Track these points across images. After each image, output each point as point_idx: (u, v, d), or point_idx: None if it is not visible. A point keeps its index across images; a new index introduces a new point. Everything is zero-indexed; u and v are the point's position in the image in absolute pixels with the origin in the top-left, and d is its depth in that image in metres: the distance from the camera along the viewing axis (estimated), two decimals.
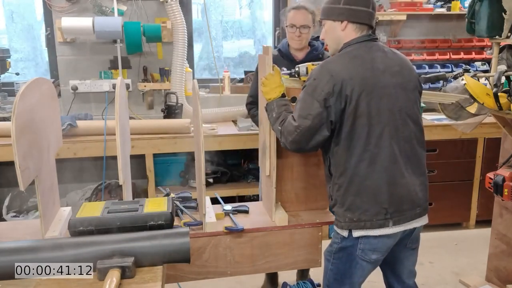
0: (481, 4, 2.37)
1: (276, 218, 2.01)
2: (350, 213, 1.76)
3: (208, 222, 1.92)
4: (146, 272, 1.42)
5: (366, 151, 1.72)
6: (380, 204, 1.74)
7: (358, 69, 1.72)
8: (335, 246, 1.84)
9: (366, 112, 1.70)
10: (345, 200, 1.77)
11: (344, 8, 1.79)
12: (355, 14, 1.79)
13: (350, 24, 1.80)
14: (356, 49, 1.78)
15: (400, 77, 1.78)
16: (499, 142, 2.77)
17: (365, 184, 1.73)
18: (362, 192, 1.74)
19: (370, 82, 1.71)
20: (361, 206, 1.74)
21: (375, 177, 1.73)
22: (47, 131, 1.76)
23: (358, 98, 1.69)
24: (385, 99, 1.73)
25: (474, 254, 3.32)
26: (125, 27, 3.24)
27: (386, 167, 1.73)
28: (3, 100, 3.48)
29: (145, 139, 3.21)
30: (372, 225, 1.74)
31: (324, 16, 1.86)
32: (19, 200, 3.47)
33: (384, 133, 1.72)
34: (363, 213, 1.74)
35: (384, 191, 1.73)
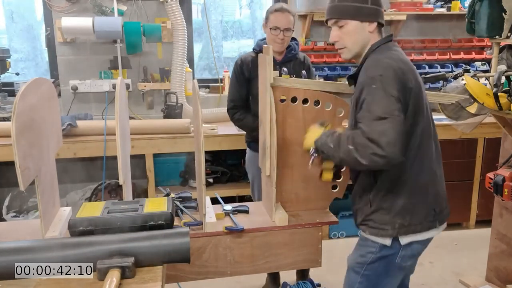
0: (481, 4, 2.37)
1: (276, 218, 2.01)
2: (400, 218, 1.65)
3: (208, 222, 1.92)
4: (146, 272, 1.42)
5: (419, 150, 1.65)
6: (429, 204, 1.69)
7: (408, 64, 1.64)
8: (371, 257, 1.71)
9: (419, 108, 1.63)
10: (394, 204, 1.66)
11: (373, 8, 1.69)
12: (381, 15, 1.72)
13: (378, 26, 1.72)
14: (390, 48, 1.70)
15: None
16: (499, 142, 2.77)
17: (416, 185, 1.66)
18: (413, 194, 1.66)
19: (417, 77, 1.66)
20: (412, 209, 1.66)
21: (423, 178, 1.68)
22: (47, 131, 1.75)
23: (417, 93, 1.61)
24: (424, 95, 1.70)
25: (474, 254, 3.32)
26: (125, 27, 3.24)
27: (430, 167, 1.70)
28: (3, 100, 3.48)
29: (145, 139, 3.21)
30: (422, 228, 1.67)
31: (348, 16, 1.68)
32: (19, 200, 3.47)
33: (430, 130, 1.70)
34: (414, 216, 1.66)
35: (431, 191, 1.70)
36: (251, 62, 2.63)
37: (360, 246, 1.79)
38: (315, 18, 3.67)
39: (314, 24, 3.77)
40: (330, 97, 2.03)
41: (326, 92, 2.02)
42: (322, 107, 2.04)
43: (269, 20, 2.60)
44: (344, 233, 3.61)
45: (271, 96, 1.93)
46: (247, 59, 2.67)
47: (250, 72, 2.63)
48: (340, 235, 3.59)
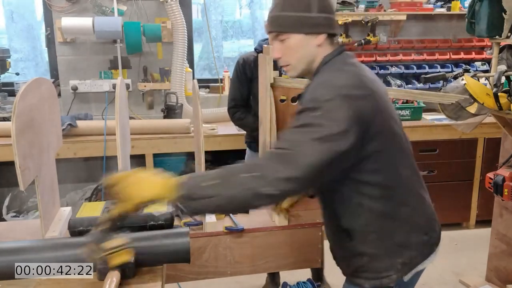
0: (481, 4, 2.37)
1: (276, 218, 2.01)
2: (400, 257, 1.41)
3: (208, 222, 1.92)
4: (146, 272, 1.42)
5: (400, 178, 1.41)
6: (422, 230, 1.45)
7: (367, 83, 1.35)
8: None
9: (390, 133, 1.38)
10: (389, 245, 1.42)
11: (320, 17, 1.39)
12: (331, 24, 1.43)
13: (327, 37, 1.42)
14: (345, 62, 1.43)
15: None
16: (499, 142, 2.77)
17: (405, 216, 1.42)
18: (404, 226, 1.43)
19: (380, 93, 1.39)
20: (408, 242, 1.42)
21: (411, 205, 1.44)
22: (47, 131, 1.75)
23: (379, 115, 1.34)
24: (391, 109, 1.43)
25: (474, 254, 3.32)
26: (125, 27, 3.24)
27: (416, 192, 1.46)
28: (3, 100, 3.48)
29: (145, 139, 3.21)
30: (423, 258, 1.45)
31: (290, 29, 1.40)
32: (19, 200, 3.47)
33: (407, 153, 1.45)
34: (412, 249, 1.43)
35: (422, 217, 1.46)
36: (253, 62, 2.63)
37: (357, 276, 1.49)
38: None
39: None
40: None
41: None
42: None
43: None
44: None
45: (271, 96, 1.93)
46: (249, 59, 2.66)
47: (252, 72, 2.62)
48: None
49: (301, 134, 1.24)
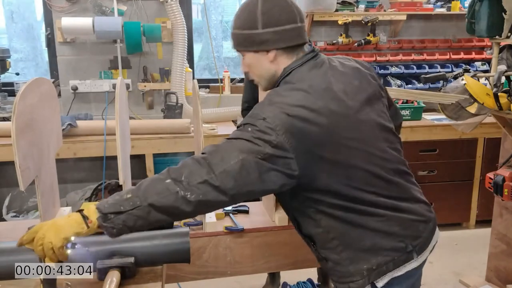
0: (481, 4, 2.37)
1: (276, 218, 2.01)
2: (365, 263, 1.37)
3: (208, 222, 1.92)
4: (146, 272, 1.42)
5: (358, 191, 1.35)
6: (395, 238, 1.39)
7: (320, 103, 1.29)
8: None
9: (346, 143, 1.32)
10: (351, 253, 1.39)
11: (266, 32, 1.34)
12: (283, 37, 1.35)
13: (279, 51, 1.37)
14: (304, 74, 1.36)
15: (363, 92, 1.41)
16: (499, 142, 2.77)
17: (369, 226, 1.37)
18: (368, 236, 1.38)
19: (340, 115, 1.31)
20: (374, 249, 1.38)
21: (377, 215, 1.37)
22: (47, 131, 1.75)
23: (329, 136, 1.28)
24: (360, 125, 1.36)
25: (474, 254, 3.32)
26: (125, 27, 3.24)
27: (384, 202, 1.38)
28: (3, 100, 3.48)
29: (145, 139, 3.21)
30: (395, 265, 1.38)
31: (241, 47, 1.41)
32: (19, 200, 3.47)
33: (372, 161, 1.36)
34: (379, 256, 1.37)
35: (393, 224, 1.39)
36: None
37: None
38: (315, 18, 3.67)
39: (314, 24, 3.77)
40: None
41: None
42: None
43: None
44: None
45: None
46: None
47: None
48: None
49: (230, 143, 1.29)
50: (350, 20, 3.65)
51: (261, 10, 1.34)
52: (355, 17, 3.68)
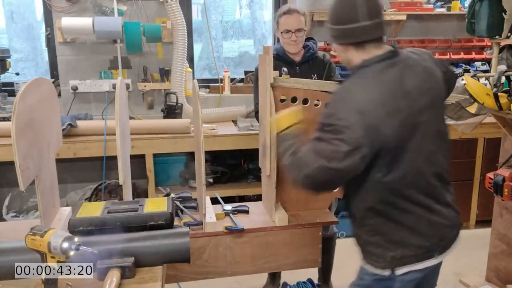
0: (481, 4, 2.37)
1: (276, 218, 2.01)
2: (391, 251, 1.55)
3: (208, 222, 1.92)
4: (146, 272, 1.43)
5: (404, 187, 1.51)
6: (422, 237, 1.56)
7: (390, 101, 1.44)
8: (368, 279, 1.64)
9: (402, 145, 1.47)
10: (382, 239, 1.57)
11: (336, 29, 1.52)
12: (348, 35, 1.50)
13: (350, 47, 1.52)
14: (381, 71, 1.48)
15: (429, 96, 1.54)
16: (499, 142, 2.77)
17: (405, 220, 1.55)
18: (402, 229, 1.55)
19: (407, 114, 1.46)
20: (403, 242, 1.55)
21: (413, 212, 1.54)
22: (47, 131, 1.76)
23: (396, 134, 1.44)
24: (420, 127, 1.50)
25: (474, 254, 3.31)
26: (125, 27, 3.24)
27: (420, 201, 1.54)
28: (3, 100, 3.48)
29: (145, 139, 3.21)
30: (417, 259, 1.56)
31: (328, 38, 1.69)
32: (19, 200, 3.47)
33: (420, 161, 1.52)
34: (406, 249, 1.55)
35: (424, 224, 1.55)
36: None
37: (360, 269, 1.71)
38: (315, 18, 3.67)
39: (314, 24, 3.77)
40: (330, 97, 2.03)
41: (326, 92, 2.02)
42: (322, 107, 2.04)
43: (279, 24, 2.59)
44: (344, 233, 3.60)
45: (271, 96, 1.93)
46: None
47: None
48: (340, 235, 3.59)
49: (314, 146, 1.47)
50: None
51: (335, 7, 1.53)
52: None
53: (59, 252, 1.24)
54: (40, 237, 1.26)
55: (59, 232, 1.27)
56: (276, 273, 2.89)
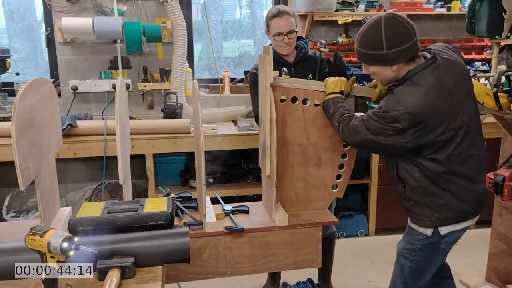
0: (481, 4, 2.37)
1: (276, 218, 2.01)
2: (437, 212, 1.87)
3: (208, 222, 1.92)
4: (146, 272, 1.43)
5: (448, 160, 1.80)
6: (464, 204, 1.88)
7: (437, 102, 1.73)
8: (418, 244, 1.94)
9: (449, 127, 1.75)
10: (431, 202, 1.87)
11: (390, 53, 1.73)
12: (404, 53, 1.74)
13: (401, 64, 1.76)
14: (426, 76, 1.75)
15: (465, 88, 1.85)
16: (499, 142, 2.77)
17: (451, 188, 1.85)
18: (448, 195, 1.86)
19: (450, 108, 1.75)
20: (448, 206, 1.87)
21: (457, 182, 1.85)
22: (47, 131, 1.76)
23: (442, 125, 1.74)
24: (462, 114, 1.78)
25: (474, 254, 3.31)
26: (125, 27, 3.24)
27: (463, 173, 1.85)
28: (3, 100, 3.48)
29: (145, 139, 3.21)
30: (457, 221, 1.89)
31: (368, 62, 1.83)
32: (19, 200, 3.47)
33: (464, 139, 1.80)
34: (449, 212, 1.87)
35: (466, 193, 1.87)
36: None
37: (407, 234, 2.00)
38: (315, 18, 3.67)
39: (314, 24, 3.77)
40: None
41: None
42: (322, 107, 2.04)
43: (270, 27, 2.55)
44: (344, 233, 3.61)
45: (271, 96, 1.93)
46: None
47: None
48: (340, 235, 3.59)
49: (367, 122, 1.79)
50: (350, 20, 3.65)
51: (385, 35, 1.72)
52: (355, 17, 3.69)
53: (59, 252, 1.24)
54: (40, 237, 1.26)
55: (59, 232, 1.27)
56: (276, 273, 2.89)
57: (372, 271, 3.14)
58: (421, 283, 2.02)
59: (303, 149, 2.08)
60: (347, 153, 2.11)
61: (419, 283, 2.01)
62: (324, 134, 2.07)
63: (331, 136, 2.07)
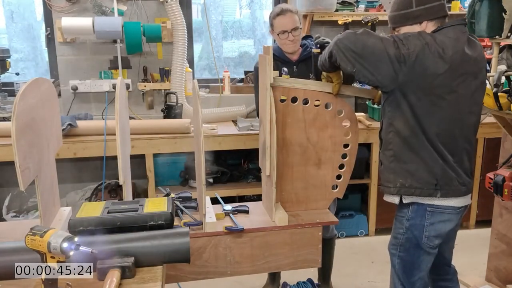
0: (481, 4, 2.37)
1: (276, 218, 2.01)
2: (402, 178, 1.90)
3: (208, 222, 1.92)
4: (146, 272, 1.43)
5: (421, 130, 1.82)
6: (431, 175, 1.87)
7: (449, 50, 1.75)
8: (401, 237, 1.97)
9: (443, 90, 1.77)
10: (397, 166, 1.90)
11: (419, 10, 1.84)
12: (432, 11, 1.84)
13: (429, 22, 1.85)
14: (448, 31, 1.82)
15: (478, 68, 1.86)
16: (499, 142, 2.77)
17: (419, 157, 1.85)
18: (417, 163, 1.86)
19: (456, 65, 1.76)
20: (414, 174, 1.88)
21: (426, 154, 1.84)
22: (47, 131, 1.76)
23: (442, 74, 1.74)
24: (460, 83, 1.79)
25: (474, 254, 3.32)
26: (125, 27, 3.24)
27: (435, 146, 1.84)
28: (3, 100, 3.49)
29: (145, 139, 3.21)
30: (421, 193, 1.87)
31: (398, 24, 1.90)
32: (19, 200, 3.47)
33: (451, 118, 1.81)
34: (414, 181, 1.87)
35: (437, 166, 1.84)
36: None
37: (393, 228, 2.03)
38: (315, 18, 3.67)
39: (314, 24, 3.77)
40: (330, 97, 2.03)
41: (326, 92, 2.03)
42: (322, 107, 2.04)
43: (274, 26, 2.58)
44: (344, 233, 3.61)
45: (271, 96, 1.93)
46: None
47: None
48: (340, 235, 3.59)
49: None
50: (350, 20, 3.65)
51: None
52: (355, 17, 3.69)
53: (59, 252, 1.24)
54: (40, 237, 1.26)
55: (59, 232, 1.27)
56: (276, 273, 2.89)
57: (372, 271, 3.14)
58: (414, 280, 2.00)
59: (303, 149, 2.08)
60: (347, 153, 2.11)
61: (412, 279, 2.00)
62: (324, 134, 2.07)
63: (331, 136, 2.07)
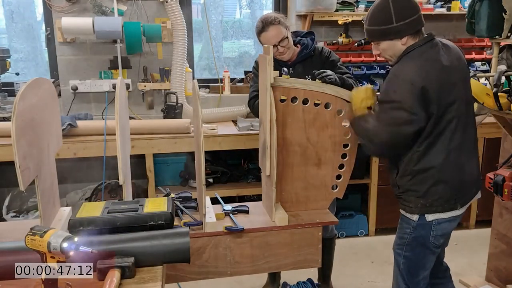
0: (481, 4, 2.37)
1: (276, 218, 2.01)
2: (423, 199, 1.93)
3: (208, 222, 1.92)
4: (146, 272, 1.43)
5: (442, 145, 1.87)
6: (451, 191, 1.92)
7: (432, 72, 1.80)
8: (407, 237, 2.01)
9: (445, 108, 1.82)
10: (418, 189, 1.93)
11: (400, 25, 1.84)
12: (412, 25, 1.85)
13: (410, 36, 1.86)
14: (423, 52, 1.85)
15: (461, 71, 1.92)
16: (499, 142, 2.77)
17: (439, 175, 1.89)
18: (436, 183, 1.89)
19: (445, 82, 1.82)
20: (435, 193, 1.92)
21: (446, 169, 1.89)
22: (47, 131, 1.76)
23: (438, 99, 1.80)
24: (455, 93, 1.85)
25: (474, 254, 3.32)
26: (125, 27, 3.24)
27: (454, 159, 1.89)
28: (3, 100, 3.48)
29: (145, 139, 3.21)
30: (443, 209, 1.92)
31: (379, 39, 1.90)
32: (19, 200, 3.47)
33: (458, 126, 1.87)
34: (436, 200, 1.91)
35: (455, 180, 1.90)
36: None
37: (398, 228, 2.06)
38: (315, 18, 3.67)
39: (314, 24, 3.76)
40: (330, 97, 2.03)
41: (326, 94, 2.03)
42: (322, 107, 2.04)
43: (261, 41, 2.57)
44: (344, 233, 3.61)
45: (271, 96, 1.93)
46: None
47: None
48: (340, 235, 3.59)
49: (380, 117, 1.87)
50: (350, 20, 3.65)
51: (393, 8, 1.83)
52: (355, 17, 3.68)
53: (59, 252, 1.24)
54: (40, 237, 1.26)
55: (59, 232, 1.27)
56: (276, 273, 2.89)
57: (372, 271, 3.14)
58: (419, 279, 2.03)
59: (303, 149, 2.08)
60: (347, 153, 2.11)
61: (417, 279, 2.03)
62: (324, 134, 2.07)
63: (331, 136, 2.07)
